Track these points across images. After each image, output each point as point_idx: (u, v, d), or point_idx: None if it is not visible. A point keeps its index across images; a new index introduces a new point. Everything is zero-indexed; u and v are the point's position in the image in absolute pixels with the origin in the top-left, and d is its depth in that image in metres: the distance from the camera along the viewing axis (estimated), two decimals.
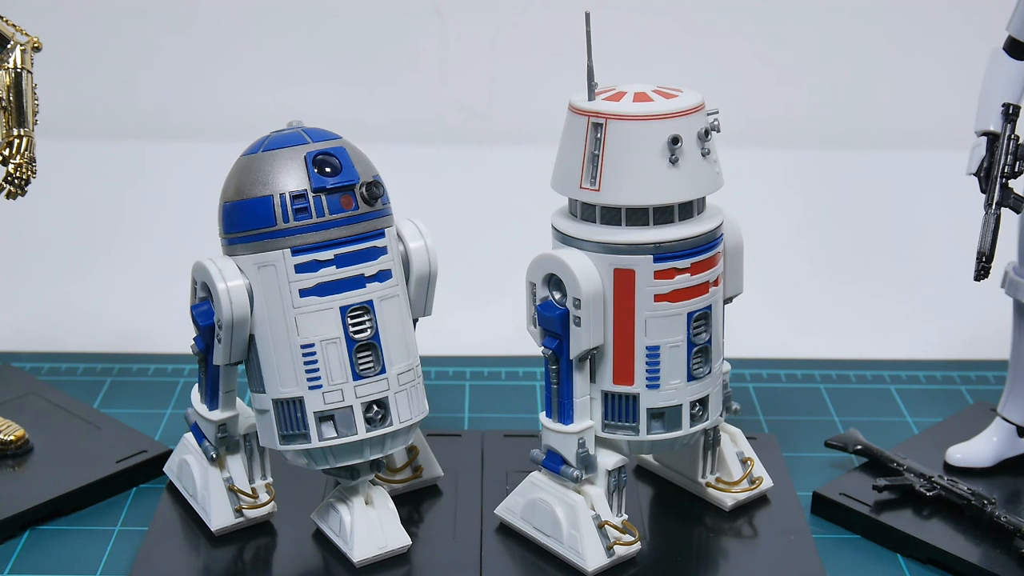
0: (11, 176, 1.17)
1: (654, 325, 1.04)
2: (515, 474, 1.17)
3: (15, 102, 1.17)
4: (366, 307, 1.04)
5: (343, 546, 1.08)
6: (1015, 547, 1.09)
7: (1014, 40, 1.14)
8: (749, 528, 1.14)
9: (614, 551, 1.07)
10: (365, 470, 1.07)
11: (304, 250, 1.02)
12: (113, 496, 1.20)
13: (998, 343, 1.33)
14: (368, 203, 1.04)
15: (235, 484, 1.11)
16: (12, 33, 1.18)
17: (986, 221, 1.11)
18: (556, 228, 1.06)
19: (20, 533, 1.14)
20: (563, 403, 1.06)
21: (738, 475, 1.16)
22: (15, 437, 1.22)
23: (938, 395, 1.39)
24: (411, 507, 1.16)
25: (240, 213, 1.03)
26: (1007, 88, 1.13)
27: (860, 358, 1.47)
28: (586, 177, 1.03)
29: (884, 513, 1.14)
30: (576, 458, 1.06)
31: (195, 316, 1.06)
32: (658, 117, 1.01)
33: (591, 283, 1.03)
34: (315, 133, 1.06)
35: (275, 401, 1.04)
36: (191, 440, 1.14)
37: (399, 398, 1.05)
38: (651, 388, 1.05)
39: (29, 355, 1.45)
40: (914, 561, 1.11)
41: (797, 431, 1.31)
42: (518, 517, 1.11)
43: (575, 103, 1.04)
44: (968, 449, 1.21)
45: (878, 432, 1.29)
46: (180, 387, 1.39)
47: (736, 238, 1.10)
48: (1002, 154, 1.11)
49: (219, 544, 1.11)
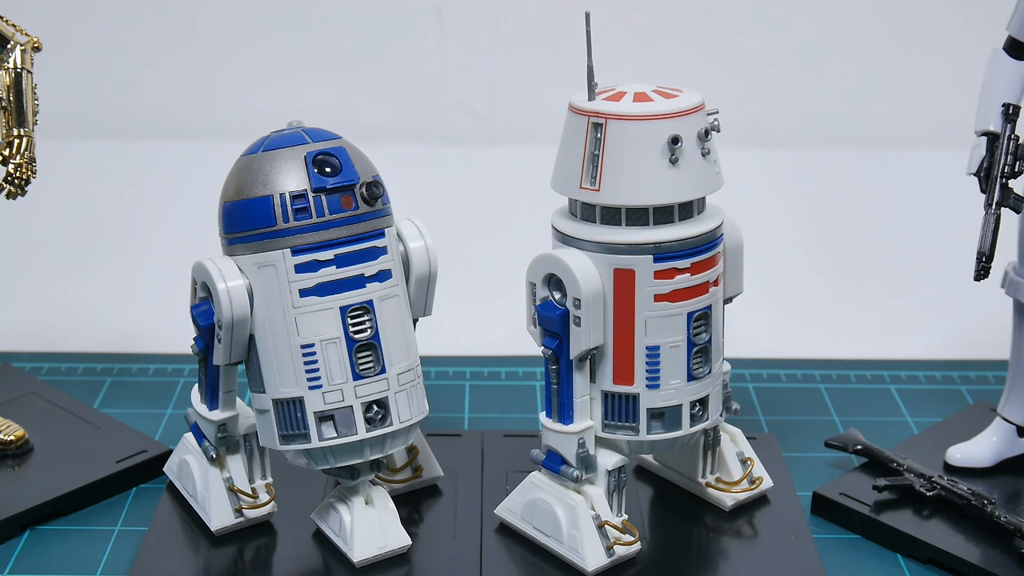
0: (11, 176, 1.17)
1: (654, 325, 1.04)
2: (515, 474, 1.16)
3: (15, 102, 1.17)
4: (366, 307, 1.04)
5: (343, 546, 1.08)
6: (1015, 547, 1.09)
7: (1014, 40, 1.13)
8: (749, 528, 1.14)
9: (614, 551, 1.07)
10: (365, 470, 1.07)
11: (304, 250, 1.02)
12: (113, 496, 1.19)
13: (998, 343, 1.33)
14: (368, 203, 1.04)
15: (235, 484, 1.11)
16: (12, 33, 1.18)
17: (986, 221, 1.11)
18: (556, 228, 1.06)
19: (20, 533, 1.14)
20: (563, 403, 1.06)
21: (738, 475, 1.16)
22: (15, 437, 1.22)
23: (938, 395, 1.39)
24: (411, 507, 1.16)
25: (240, 213, 1.03)
26: (1007, 88, 1.13)
27: (860, 358, 1.47)
28: (586, 177, 1.03)
29: (884, 513, 1.14)
30: (576, 458, 1.06)
31: (195, 316, 1.06)
32: (658, 117, 1.01)
33: (591, 283, 1.03)
34: (315, 133, 1.05)
35: (275, 401, 1.04)
36: (191, 440, 1.14)
37: (399, 398, 1.05)
38: (651, 388, 1.05)
39: (29, 355, 1.45)
40: (914, 561, 1.11)
41: (797, 431, 1.31)
42: (518, 517, 1.11)
43: (575, 103, 1.04)
44: (968, 449, 1.21)
45: (878, 432, 1.29)
46: (180, 387, 1.39)
47: (736, 238, 1.10)
48: (1002, 154, 1.11)
49: (219, 544, 1.11)
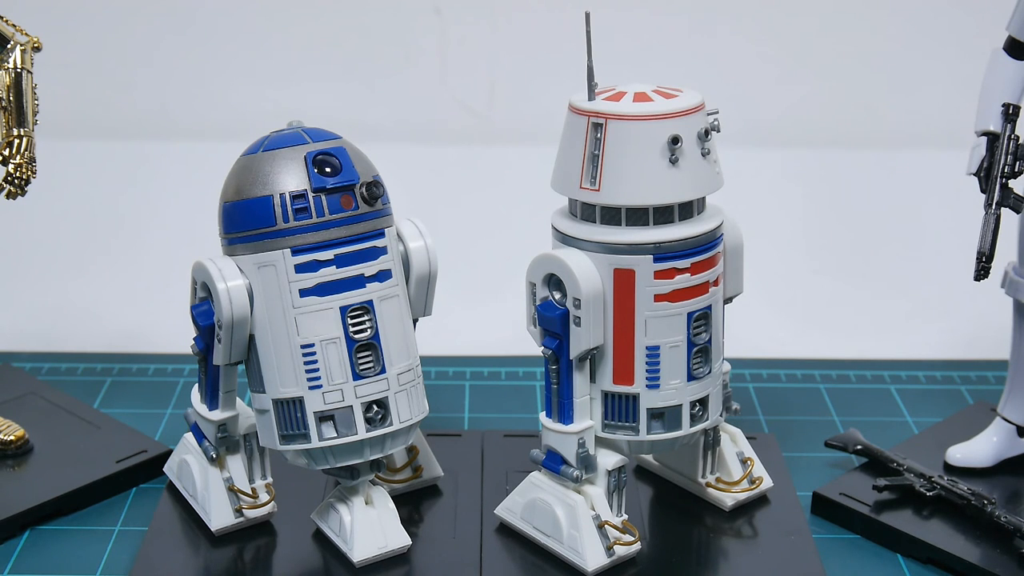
0: (11, 176, 1.17)
1: (654, 325, 1.04)
2: (515, 474, 1.16)
3: (15, 102, 1.17)
4: (366, 307, 1.04)
5: (343, 546, 1.08)
6: (1015, 547, 1.09)
7: (1014, 40, 1.13)
8: (749, 528, 1.14)
9: (614, 551, 1.07)
10: (365, 470, 1.07)
11: (304, 250, 1.02)
12: (113, 496, 1.20)
13: (998, 343, 1.33)
14: (368, 203, 1.04)
15: (235, 484, 1.11)
16: (12, 33, 1.18)
17: (986, 221, 1.11)
18: (556, 228, 1.06)
19: (20, 533, 1.14)
20: (563, 403, 1.06)
21: (738, 475, 1.16)
22: (15, 437, 1.22)
23: (938, 395, 1.39)
24: (411, 507, 1.16)
25: (240, 213, 1.03)
26: (1007, 88, 1.13)
27: (860, 358, 1.47)
28: (586, 177, 1.03)
29: (884, 513, 1.14)
30: (576, 458, 1.06)
31: (195, 316, 1.06)
32: (658, 117, 1.01)
33: (591, 283, 1.03)
34: (315, 133, 1.05)
35: (275, 401, 1.04)
36: (191, 440, 1.14)
37: (399, 398, 1.05)
38: (651, 388, 1.05)
39: (29, 355, 1.45)
40: (914, 561, 1.11)
41: (797, 431, 1.31)
42: (518, 517, 1.11)
43: (575, 103, 1.04)
44: (968, 449, 1.21)
45: (878, 432, 1.29)
46: (180, 387, 1.39)
47: (736, 238, 1.10)
48: (1002, 154, 1.11)
49: (219, 544, 1.11)
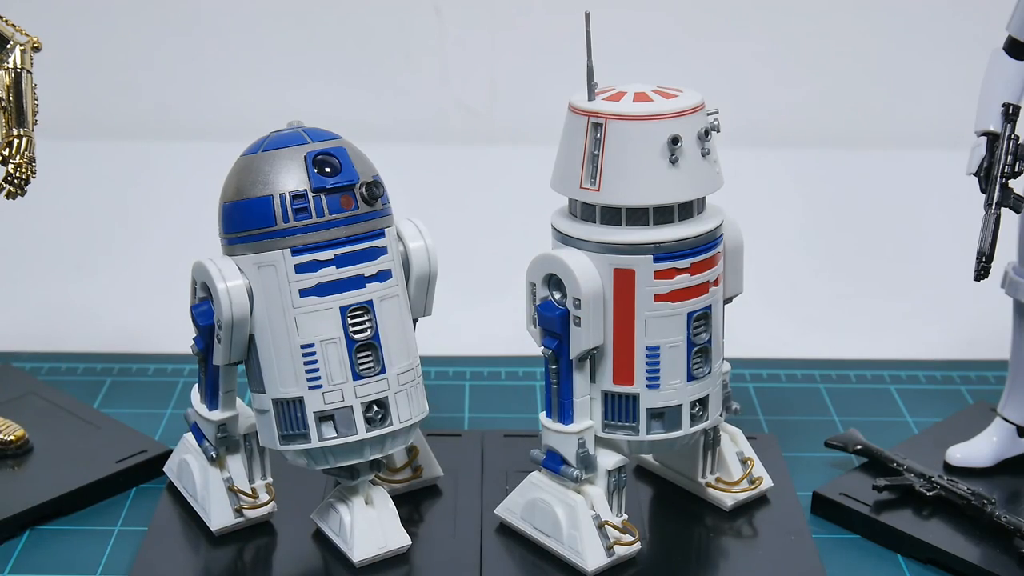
0: (11, 176, 1.17)
1: (654, 325, 1.04)
2: (515, 474, 1.16)
3: (15, 102, 1.17)
4: (366, 307, 1.04)
5: (343, 546, 1.08)
6: (1015, 547, 1.09)
7: (1014, 40, 1.13)
8: (749, 528, 1.14)
9: (614, 551, 1.07)
10: (365, 470, 1.07)
11: (304, 250, 1.02)
12: (113, 496, 1.19)
13: (998, 343, 1.32)
14: (368, 203, 1.04)
15: (235, 484, 1.11)
16: (12, 33, 1.18)
17: (986, 221, 1.11)
18: (556, 228, 1.06)
19: (20, 533, 1.14)
20: (563, 403, 1.06)
21: (738, 475, 1.16)
22: (15, 437, 1.22)
23: (938, 395, 1.39)
24: (411, 507, 1.16)
25: (240, 213, 1.03)
26: (1007, 88, 1.13)
27: (860, 358, 1.47)
28: (586, 177, 1.03)
29: (884, 513, 1.14)
30: (576, 458, 1.06)
31: (195, 316, 1.06)
32: (658, 117, 1.01)
33: (591, 283, 1.03)
34: (315, 133, 1.05)
35: (275, 401, 1.04)
36: (191, 440, 1.14)
37: (399, 398, 1.05)
38: (651, 388, 1.05)
39: (29, 355, 1.45)
40: (914, 561, 1.11)
41: (797, 431, 1.31)
42: (518, 517, 1.11)
43: (575, 103, 1.04)
44: (968, 449, 1.21)
45: (878, 432, 1.29)
46: (180, 387, 1.39)
47: (736, 238, 1.10)
48: (1002, 154, 1.11)
49: (219, 544, 1.11)
